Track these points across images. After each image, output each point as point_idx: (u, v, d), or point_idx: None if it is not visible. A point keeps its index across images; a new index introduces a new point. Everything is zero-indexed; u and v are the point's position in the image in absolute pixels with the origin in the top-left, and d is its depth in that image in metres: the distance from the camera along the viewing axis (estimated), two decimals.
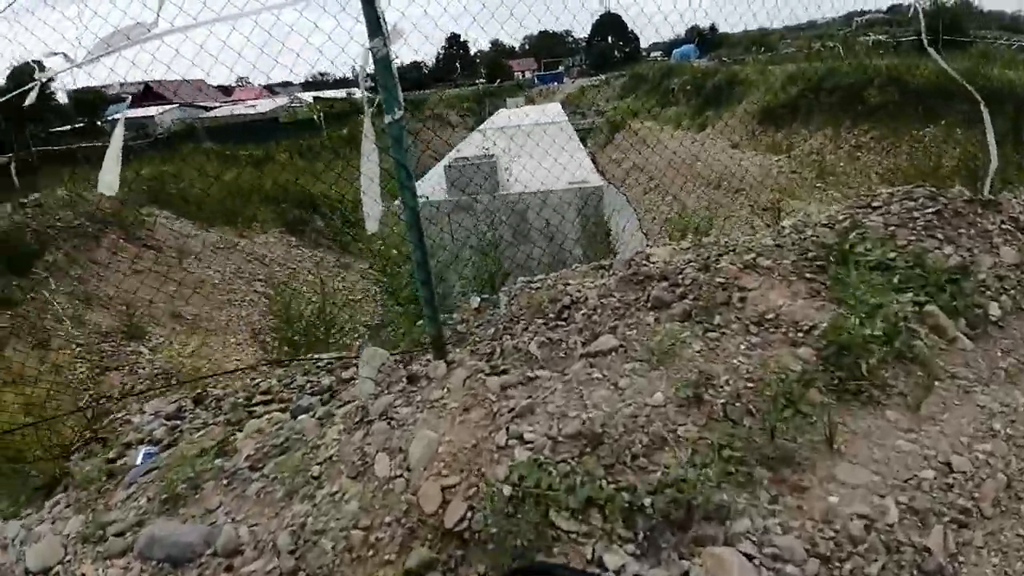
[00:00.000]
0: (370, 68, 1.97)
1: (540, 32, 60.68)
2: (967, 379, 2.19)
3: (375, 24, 1.92)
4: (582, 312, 3.16)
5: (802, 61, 22.43)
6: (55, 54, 1.71)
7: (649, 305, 2.88)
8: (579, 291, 3.38)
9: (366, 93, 2.01)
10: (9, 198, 13.82)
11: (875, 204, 3.14)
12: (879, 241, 2.79)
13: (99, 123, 35.55)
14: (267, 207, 19.51)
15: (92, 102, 34.67)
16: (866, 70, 16.70)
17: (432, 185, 13.10)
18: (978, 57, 16.36)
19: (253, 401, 3.02)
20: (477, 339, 3.19)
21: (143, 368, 10.17)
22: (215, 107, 41.99)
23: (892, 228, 2.89)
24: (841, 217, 3.19)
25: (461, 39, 57.78)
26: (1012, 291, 2.57)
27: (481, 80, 54.89)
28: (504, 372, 2.55)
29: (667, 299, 2.81)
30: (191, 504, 2.04)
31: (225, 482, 2.06)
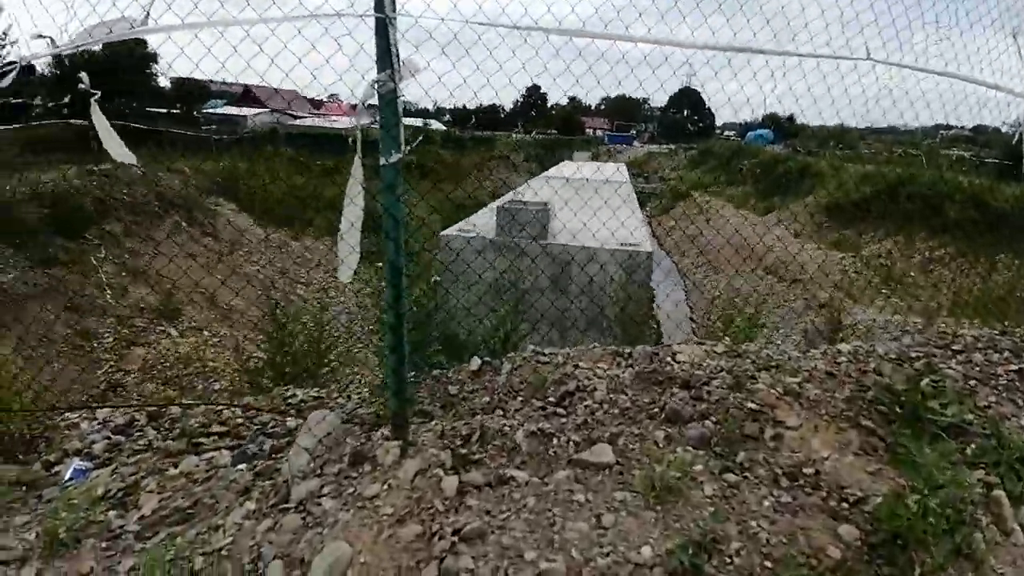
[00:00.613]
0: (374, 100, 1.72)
1: (617, 95, 61.89)
2: None
3: (385, 55, 1.68)
4: (586, 404, 2.75)
5: (882, 163, 21.68)
6: (40, 36, 1.53)
7: (663, 416, 2.45)
8: (589, 378, 2.98)
9: (360, 127, 1.76)
10: (84, 164, 14.54)
11: (956, 347, 2.63)
12: (957, 397, 2.29)
13: (195, 113, 38.13)
14: (325, 215, 20.05)
15: (192, 92, 37.23)
16: (947, 183, 15.87)
17: (483, 222, 13.06)
18: None
19: (209, 430, 2.73)
20: (459, 413, 2.82)
21: (167, 350, 10.24)
22: (302, 116, 44.46)
23: (973, 382, 2.38)
24: (915, 355, 2.69)
25: (540, 91, 59.58)
26: None
27: (554, 131, 56.12)
28: (472, 465, 2.16)
29: (685, 415, 2.37)
30: (68, 558, 1.72)
31: (104, 546, 1.74)
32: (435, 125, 46.33)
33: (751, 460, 2.04)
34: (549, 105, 60.86)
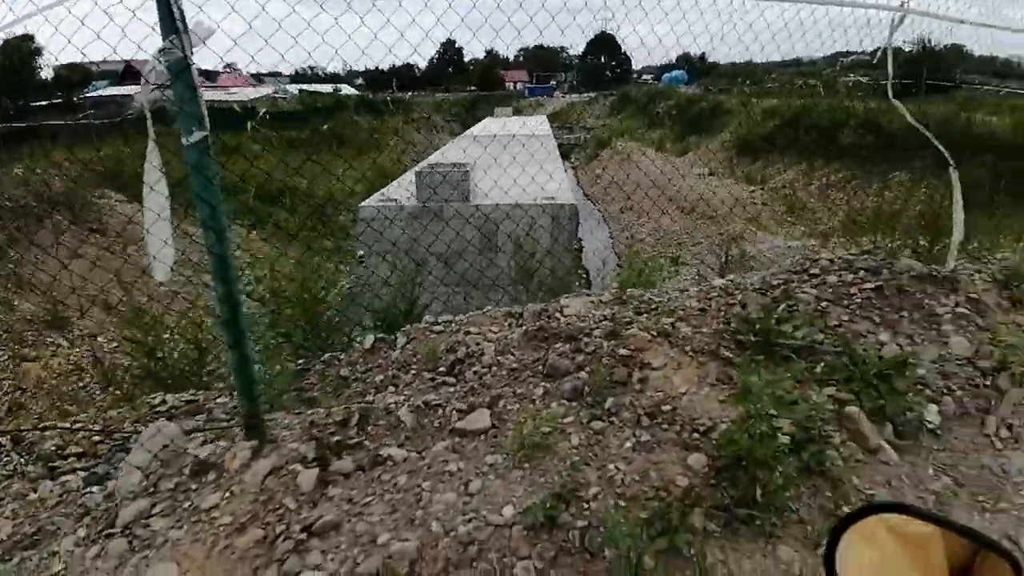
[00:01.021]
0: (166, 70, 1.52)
1: (535, 46, 60.77)
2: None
3: (168, 19, 1.48)
4: (474, 370, 2.74)
5: (786, 97, 22.64)
6: None
7: (544, 373, 2.48)
8: (479, 343, 2.96)
9: (148, 101, 1.56)
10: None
11: (813, 271, 2.79)
12: (808, 319, 2.43)
13: (76, 100, 34.38)
14: (231, 197, 18.77)
15: (70, 78, 33.55)
16: (842, 111, 16.80)
17: (404, 189, 12.64)
18: (961, 102, 16.56)
19: (66, 452, 2.52)
20: (350, 395, 2.75)
21: (58, 361, 9.45)
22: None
23: (825, 303, 2.53)
24: (776, 282, 2.84)
25: (456, 45, 57.51)
26: (958, 391, 2.22)
27: (472, 88, 54.61)
28: (348, 450, 2.11)
29: (562, 369, 2.40)
30: None
31: None
32: (347, 90, 43.92)
33: (618, 405, 2.10)
34: (467, 60, 58.99)
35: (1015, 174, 9.98)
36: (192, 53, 1.51)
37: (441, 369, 2.87)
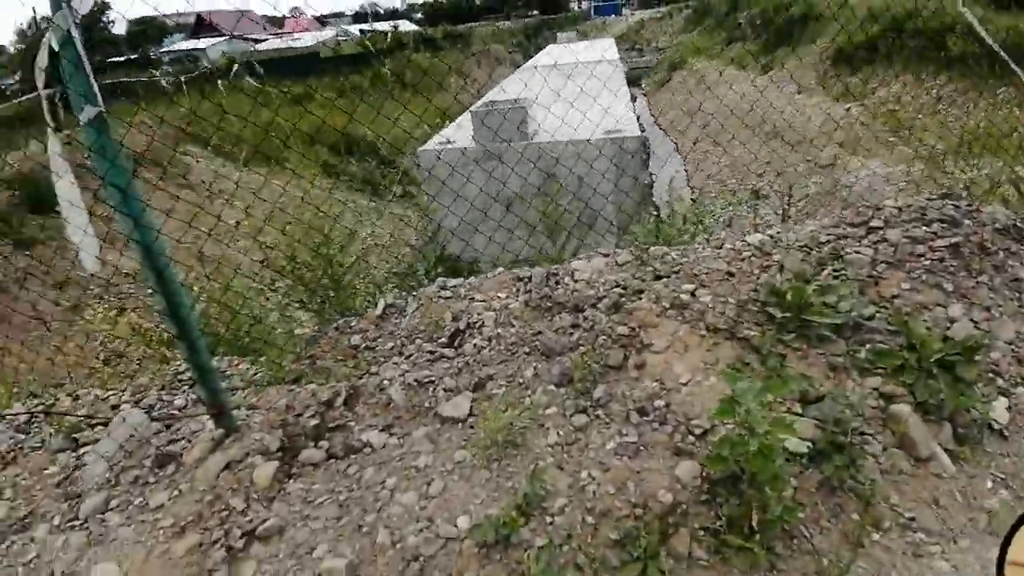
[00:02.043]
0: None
1: None
2: (927, 529, 1.47)
3: None
4: (474, 342, 2.56)
5: None
6: None
7: (540, 351, 2.24)
8: (481, 312, 2.76)
9: (44, 88, 1.40)
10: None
11: (874, 224, 2.29)
12: (856, 287, 2.00)
13: (152, 56, 36.03)
14: (301, 149, 19.33)
15: (145, 33, 35.11)
16: (948, 14, 14.16)
17: (460, 131, 12.34)
18: None
19: (94, 420, 2.63)
20: (359, 365, 2.67)
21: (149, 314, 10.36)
22: (263, 40, 41.65)
23: (883, 266, 2.07)
24: (825, 238, 2.36)
25: None
26: None
27: (534, 12, 51.67)
28: (329, 433, 2.02)
29: (555, 347, 2.16)
30: None
31: None
32: (405, 26, 42.99)
33: (608, 395, 1.84)
34: None
35: None
36: (76, 25, 1.32)
37: (442, 340, 2.71)
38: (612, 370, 1.93)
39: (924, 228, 2.19)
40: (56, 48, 1.37)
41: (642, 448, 1.63)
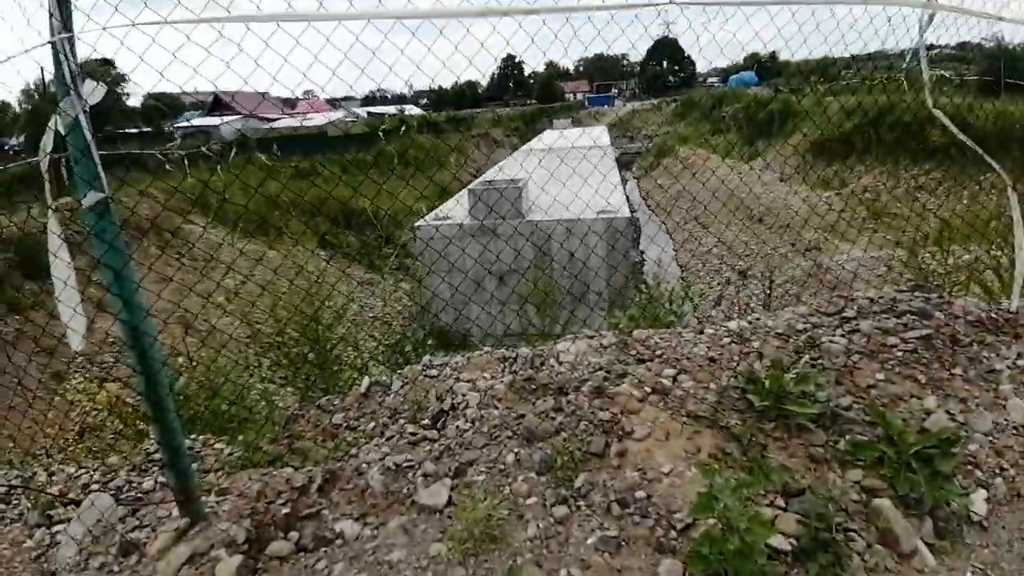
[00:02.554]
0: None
1: (595, 55, 60.31)
2: None
3: (62, 81, 1.40)
4: (457, 424, 2.53)
5: (863, 94, 20.97)
6: None
7: (522, 435, 2.22)
8: (465, 392, 2.75)
9: (47, 165, 1.49)
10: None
11: (848, 313, 2.36)
12: (834, 377, 2.03)
13: (167, 129, 37.62)
14: (303, 220, 19.78)
15: (160, 108, 36.80)
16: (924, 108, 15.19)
17: (459, 207, 12.73)
18: None
19: (67, 498, 2.54)
20: (338, 446, 2.62)
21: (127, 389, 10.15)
22: (276, 119, 43.81)
23: (856, 357, 2.11)
24: (801, 326, 2.42)
25: (516, 60, 58.24)
26: (1011, 470, 1.75)
27: (532, 101, 54.98)
28: (300, 522, 1.95)
29: (538, 432, 2.14)
30: None
31: None
32: (411, 110, 45.49)
33: (590, 484, 1.81)
34: (526, 74, 59.54)
35: None
36: (85, 112, 1.43)
37: (425, 421, 2.68)
38: (594, 457, 1.91)
39: (895, 319, 2.26)
40: (63, 132, 1.47)
41: (623, 543, 1.59)
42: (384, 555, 1.73)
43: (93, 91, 1.41)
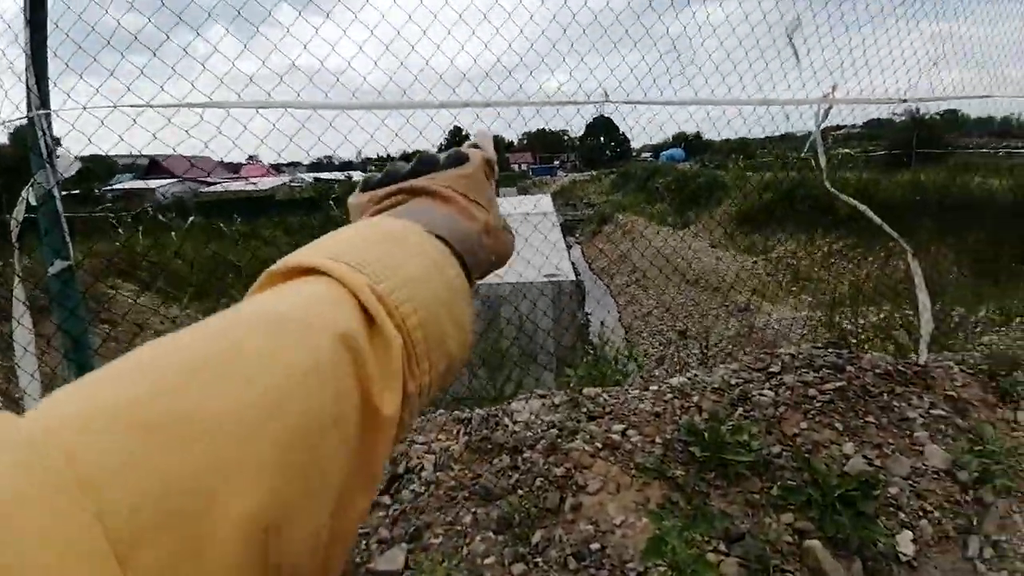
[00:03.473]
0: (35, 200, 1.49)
1: (538, 130, 63.98)
2: None
3: (38, 154, 1.46)
4: (412, 488, 2.52)
5: (778, 170, 23.28)
6: None
7: (479, 494, 2.25)
8: (421, 455, 2.76)
9: (15, 235, 1.52)
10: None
11: (773, 368, 2.60)
12: (765, 427, 2.22)
13: (97, 191, 36.11)
14: (244, 283, 19.07)
15: (91, 171, 35.51)
16: (837, 183, 17.03)
17: None
18: (957, 168, 16.74)
19: None
20: None
21: None
22: (216, 183, 43.03)
23: (784, 407, 2.32)
24: (734, 381, 2.64)
25: (463, 132, 60.59)
26: (935, 512, 1.95)
27: None
28: None
29: (495, 491, 2.19)
30: None
31: None
32: (358, 176, 45.95)
33: (547, 540, 1.86)
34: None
35: (1019, 238, 9.78)
36: (58, 184, 1.48)
37: (379, 487, 2.65)
38: (549, 513, 1.97)
39: (813, 373, 2.51)
40: (34, 203, 1.51)
41: None
42: None
43: (70, 165, 1.48)
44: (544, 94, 2.56)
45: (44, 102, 1.53)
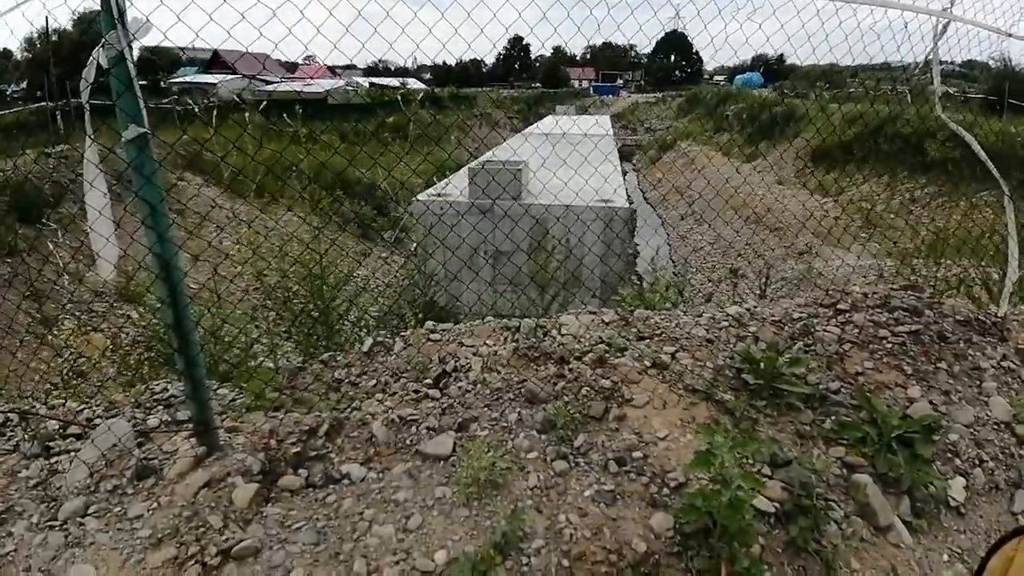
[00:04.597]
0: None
1: (603, 43, 59.79)
2: None
3: (108, 14, 1.43)
4: (459, 385, 2.62)
5: (866, 103, 21.15)
6: None
7: (524, 397, 2.31)
8: (468, 356, 2.83)
9: (87, 101, 1.53)
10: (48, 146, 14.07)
11: (842, 306, 2.46)
12: (826, 363, 2.14)
13: (163, 84, 36.74)
14: (298, 185, 19.59)
15: (156, 62, 35.99)
16: (932, 120, 15.35)
17: (457, 186, 12.71)
18: None
19: (67, 431, 2.59)
20: (342, 399, 2.69)
21: (127, 333, 10.12)
22: (275, 81, 42.86)
23: (849, 345, 2.22)
24: (797, 315, 2.53)
25: (524, 42, 57.47)
26: (991, 462, 1.87)
27: (537, 84, 54.42)
28: (308, 462, 2.03)
29: (541, 396, 2.23)
30: None
31: None
32: (414, 84, 44.78)
33: (589, 444, 1.91)
34: (533, 57, 58.89)
35: None
36: (130, 47, 1.46)
37: (428, 381, 2.76)
38: (593, 420, 2.01)
39: (887, 314, 2.37)
40: (105, 66, 1.50)
41: (619, 497, 1.69)
42: (391, 495, 1.82)
43: (142, 27, 1.45)
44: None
45: None
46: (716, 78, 49.27)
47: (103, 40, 1.46)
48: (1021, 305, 2.92)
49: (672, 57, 56.83)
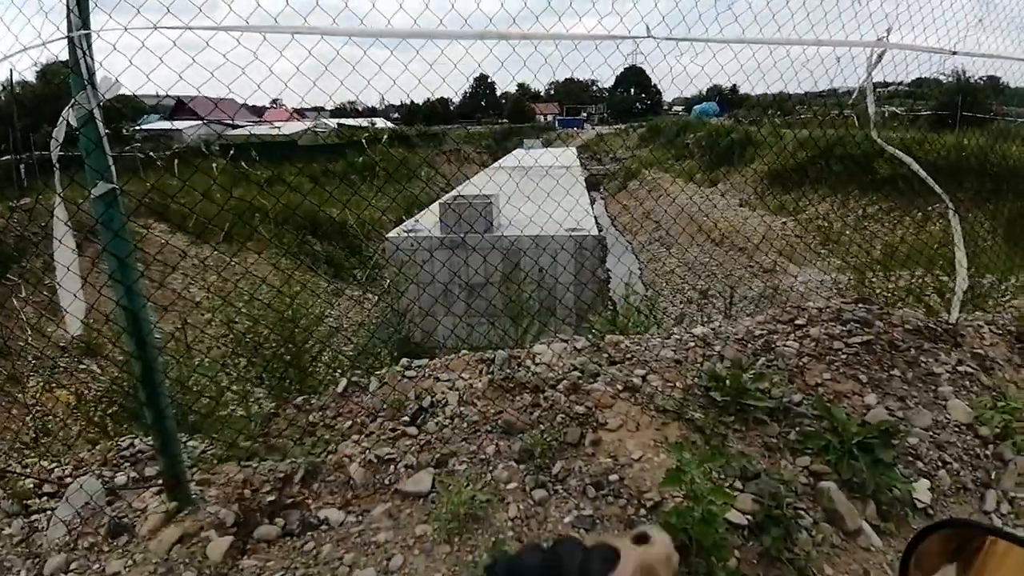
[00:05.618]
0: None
1: (566, 79, 61.80)
2: None
3: (79, 75, 1.48)
4: (436, 420, 2.62)
5: (815, 127, 22.23)
6: None
7: (501, 428, 2.34)
8: (444, 391, 2.85)
9: (57, 157, 1.56)
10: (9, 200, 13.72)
11: (799, 321, 2.58)
12: (787, 376, 2.23)
13: (125, 131, 36.29)
14: (267, 227, 19.41)
15: (120, 110, 35.61)
16: (876, 141, 16.24)
17: (428, 220, 12.79)
18: (996, 134, 15.86)
19: (42, 490, 2.49)
20: (316, 443, 2.66)
21: (88, 389, 9.74)
22: (241, 126, 42.76)
23: (807, 358, 2.32)
24: (759, 332, 2.64)
25: (488, 80, 58.92)
26: (954, 463, 1.97)
27: (504, 120, 55.67)
28: (284, 511, 2.00)
29: (517, 425, 2.26)
30: None
31: None
32: (382, 123, 45.29)
33: (566, 470, 1.94)
34: (499, 94, 60.38)
35: None
36: (99, 106, 1.50)
37: (405, 419, 2.76)
38: (570, 447, 2.05)
39: (840, 327, 2.49)
40: (75, 125, 1.54)
41: (598, 521, 1.72)
42: (371, 537, 1.81)
43: (111, 86, 1.49)
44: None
45: (84, 23, 1.54)
46: (675, 109, 51.31)
47: (72, 101, 1.50)
48: (976, 312, 3.09)
49: (632, 90, 59.11)
